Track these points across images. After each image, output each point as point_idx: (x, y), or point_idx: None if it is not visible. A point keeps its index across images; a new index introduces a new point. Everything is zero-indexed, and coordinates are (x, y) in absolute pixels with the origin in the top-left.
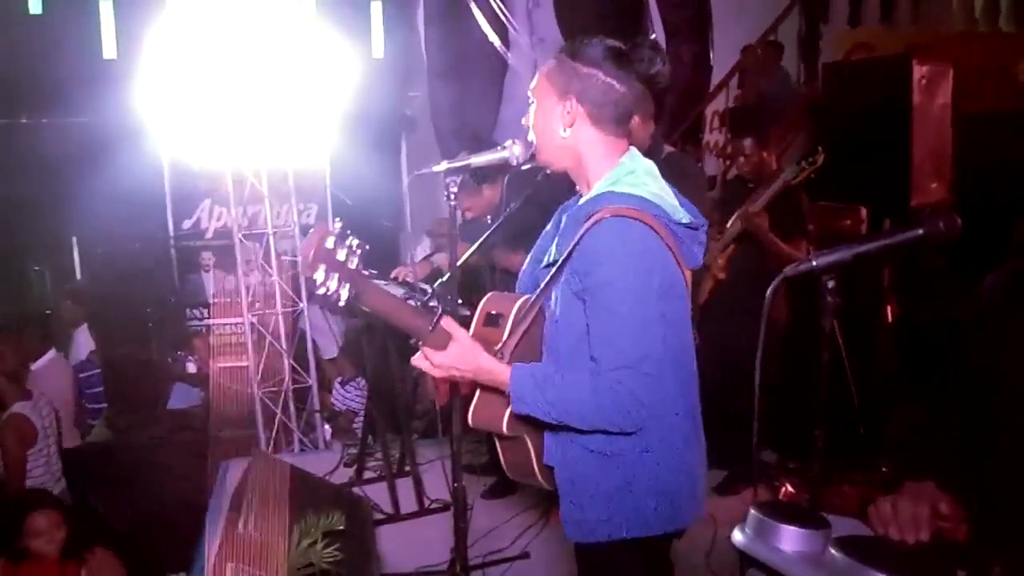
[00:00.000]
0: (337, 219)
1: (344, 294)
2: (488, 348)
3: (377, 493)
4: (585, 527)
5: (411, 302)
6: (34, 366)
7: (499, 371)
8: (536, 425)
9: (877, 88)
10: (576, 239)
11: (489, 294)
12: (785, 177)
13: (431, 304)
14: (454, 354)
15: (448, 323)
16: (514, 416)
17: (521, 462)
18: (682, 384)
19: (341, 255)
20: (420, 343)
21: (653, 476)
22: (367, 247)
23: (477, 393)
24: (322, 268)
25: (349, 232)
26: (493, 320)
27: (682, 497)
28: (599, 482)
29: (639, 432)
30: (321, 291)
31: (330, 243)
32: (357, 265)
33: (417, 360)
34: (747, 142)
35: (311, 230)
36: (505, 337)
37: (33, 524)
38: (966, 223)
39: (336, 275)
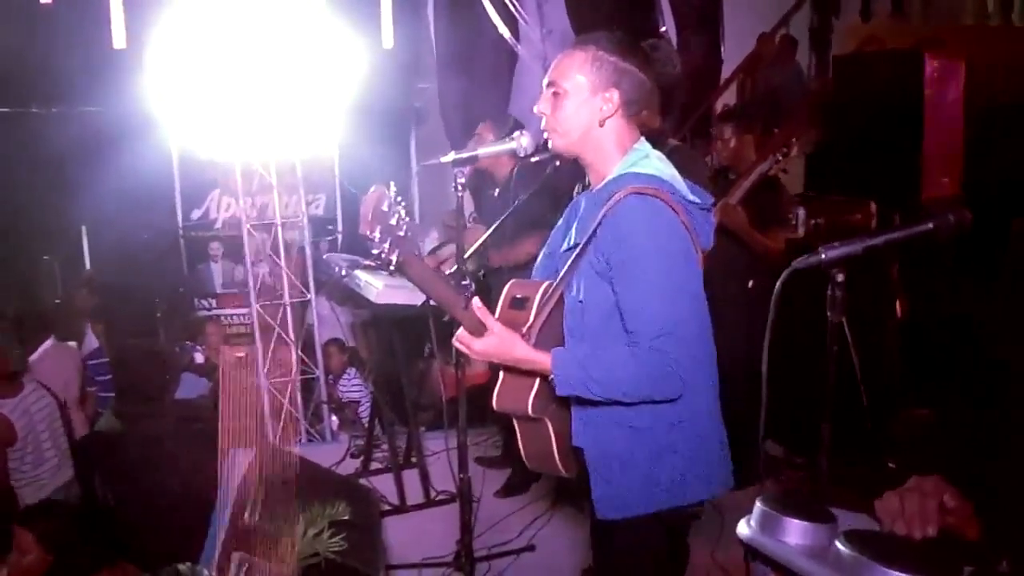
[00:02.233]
0: (392, 183)
1: (393, 259)
2: (515, 330)
3: (383, 484)
4: (620, 503)
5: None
6: (32, 356)
7: (538, 358)
8: (560, 407)
9: (888, 82)
10: (599, 219)
11: (512, 280)
12: (760, 169)
13: (463, 283)
14: (491, 344)
15: (481, 311)
16: (539, 397)
17: (541, 447)
18: (705, 354)
19: (393, 220)
20: (451, 319)
21: (686, 444)
22: (415, 216)
23: (501, 377)
24: (379, 228)
25: (400, 199)
26: (519, 303)
27: (713, 464)
28: (633, 456)
29: (670, 402)
30: (376, 251)
31: (385, 206)
32: (405, 232)
33: (458, 343)
34: (727, 128)
35: (370, 190)
36: (531, 320)
37: (14, 531)
38: (977, 218)
39: (389, 239)
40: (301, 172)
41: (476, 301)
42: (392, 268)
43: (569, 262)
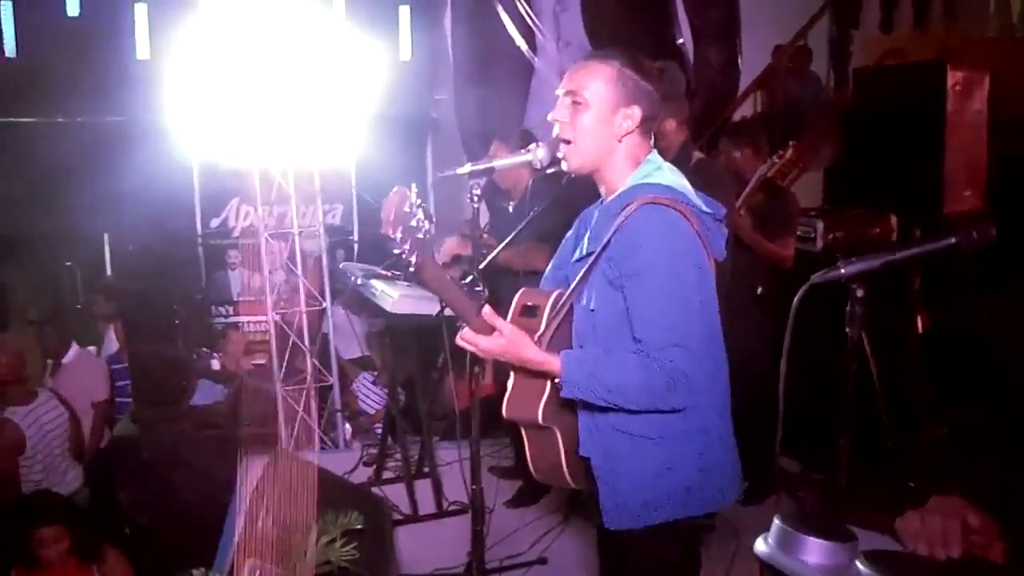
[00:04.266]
0: (414, 184)
1: (412, 261)
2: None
3: (396, 494)
4: (626, 513)
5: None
6: (64, 360)
7: (547, 360)
8: (569, 416)
9: (910, 94)
10: (613, 229)
11: (523, 289)
12: (759, 172)
13: (476, 289)
14: (501, 344)
15: (491, 316)
16: (549, 406)
17: (549, 458)
18: (716, 365)
19: (414, 222)
20: (464, 325)
21: (694, 454)
22: (433, 219)
23: (511, 384)
24: (400, 229)
25: (420, 200)
26: (530, 311)
27: (722, 474)
28: (640, 466)
29: (679, 412)
30: (397, 251)
31: (407, 207)
32: (425, 235)
33: (462, 340)
34: (724, 142)
35: (392, 191)
36: (543, 328)
37: (39, 536)
38: (1001, 232)
39: (409, 240)
40: (319, 182)
41: (487, 308)
42: (411, 269)
43: (581, 272)
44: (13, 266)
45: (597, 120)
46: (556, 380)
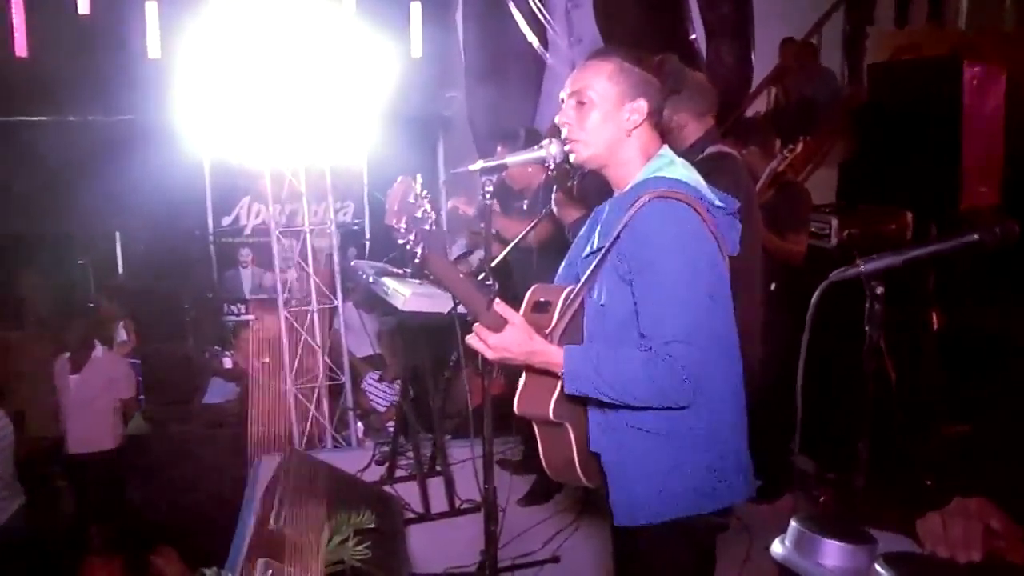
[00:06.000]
0: (419, 174)
1: (418, 252)
2: (539, 333)
3: (408, 492)
4: (637, 510)
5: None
6: (93, 355)
7: (552, 352)
8: (581, 412)
9: (925, 89)
10: (623, 223)
11: (535, 285)
12: (770, 167)
13: (487, 283)
14: (509, 337)
15: (502, 306)
16: (560, 402)
17: (561, 454)
18: (728, 361)
19: (419, 213)
20: (474, 321)
21: (704, 452)
22: (439, 210)
23: (523, 380)
24: (404, 219)
25: (426, 192)
26: (542, 307)
27: (733, 472)
28: (650, 462)
29: (689, 408)
30: (402, 241)
31: (411, 198)
32: (430, 226)
33: (472, 340)
34: (728, 140)
35: (397, 180)
36: (554, 322)
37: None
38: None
39: (415, 231)
40: (330, 180)
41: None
42: (417, 260)
43: (592, 266)
44: (26, 265)
45: (604, 117)
46: (560, 373)
